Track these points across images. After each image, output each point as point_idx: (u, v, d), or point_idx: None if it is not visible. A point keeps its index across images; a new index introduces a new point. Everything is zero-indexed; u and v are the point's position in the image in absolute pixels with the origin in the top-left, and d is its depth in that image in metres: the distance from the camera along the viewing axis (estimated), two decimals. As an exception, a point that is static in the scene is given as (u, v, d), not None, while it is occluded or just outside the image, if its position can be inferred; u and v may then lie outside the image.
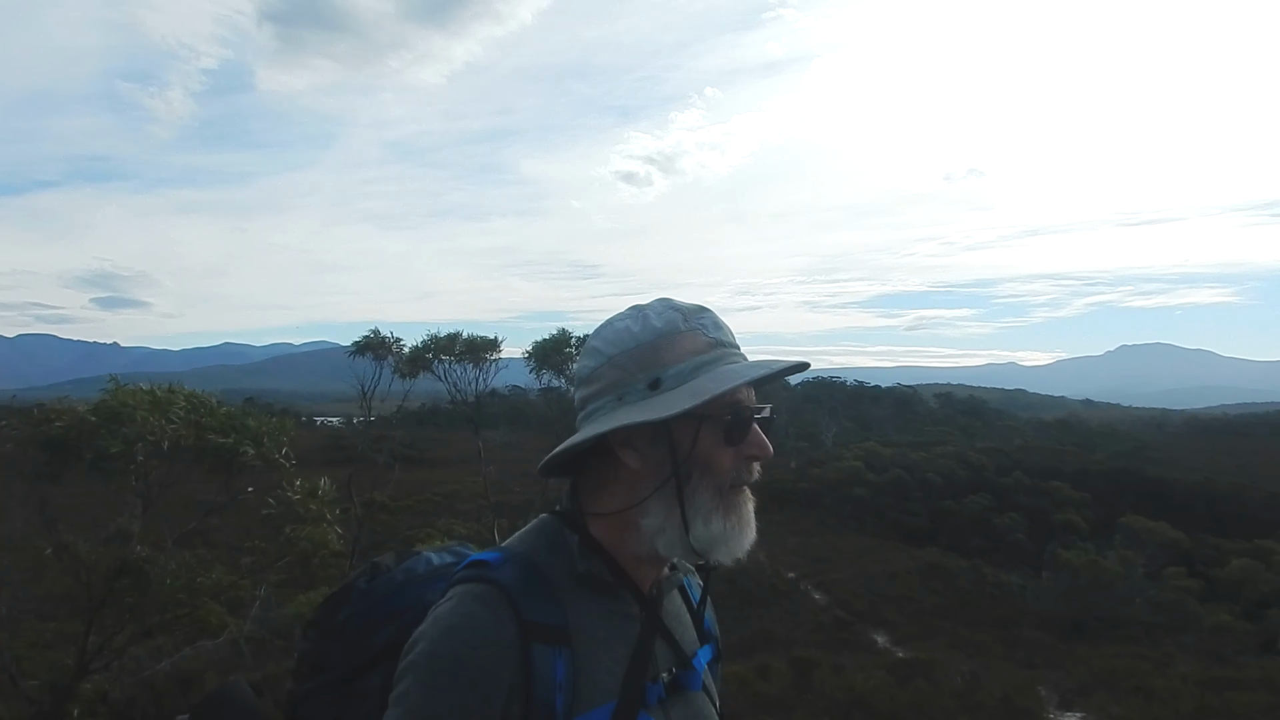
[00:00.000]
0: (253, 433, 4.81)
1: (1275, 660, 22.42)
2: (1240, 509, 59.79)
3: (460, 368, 8.15)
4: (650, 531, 1.43)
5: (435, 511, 34.23)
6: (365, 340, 8.33)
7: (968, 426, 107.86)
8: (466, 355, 7.67)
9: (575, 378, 1.53)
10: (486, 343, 7.64)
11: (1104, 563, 33.20)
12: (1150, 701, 11.81)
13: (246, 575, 7.14)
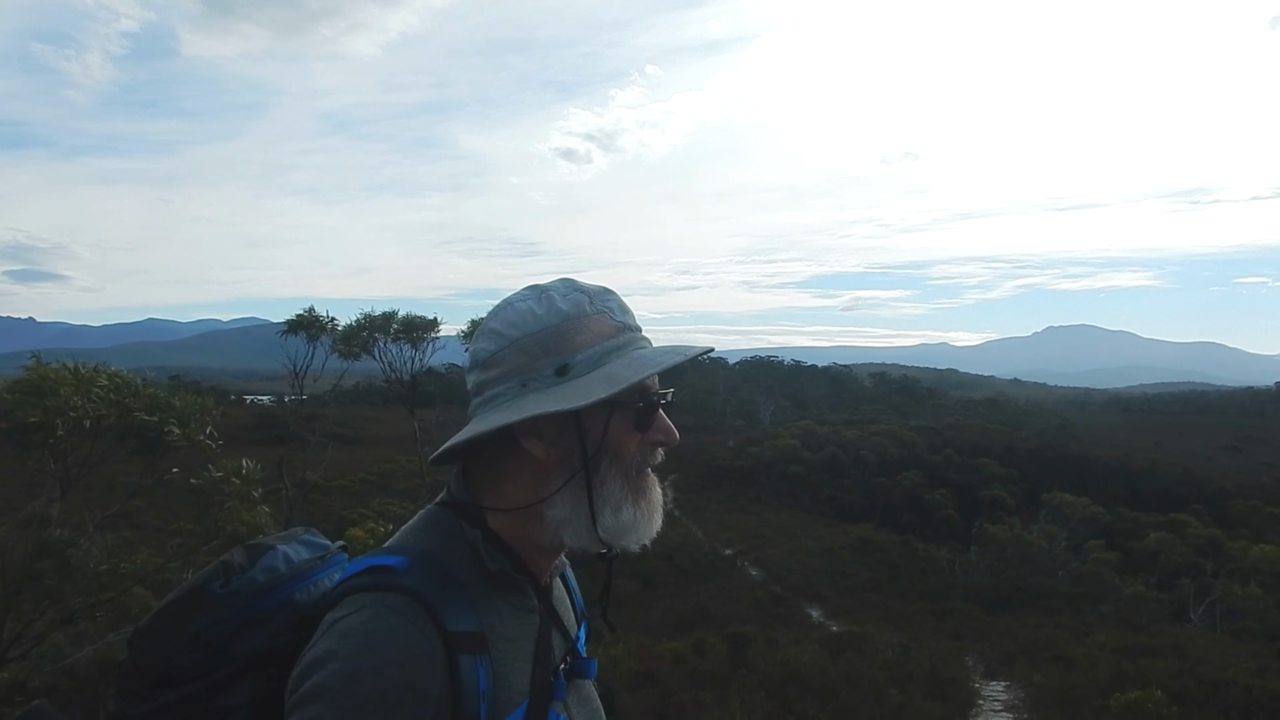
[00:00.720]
0: (178, 412, 4.70)
1: (1186, 628, 23.26)
2: (1157, 484, 61.78)
3: (397, 347, 8.03)
4: (556, 523, 1.36)
5: (370, 491, 33.91)
6: (298, 319, 8.16)
7: (901, 405, 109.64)
8: (403, 335, 7.55)
9: (472, 361, 1.40)
10: (424, 322, 7.53)
11: (1028, 537, 34.04)
12: (1070, 670, 12.15)
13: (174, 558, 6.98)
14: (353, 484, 37.23)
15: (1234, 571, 32.15)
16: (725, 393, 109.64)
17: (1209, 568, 33.14)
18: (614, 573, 1.49)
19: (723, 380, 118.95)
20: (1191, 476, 65.07)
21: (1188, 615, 27.33)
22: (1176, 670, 11.06)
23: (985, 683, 12.59)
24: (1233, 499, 55.95)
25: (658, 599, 25.54)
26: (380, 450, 48.30)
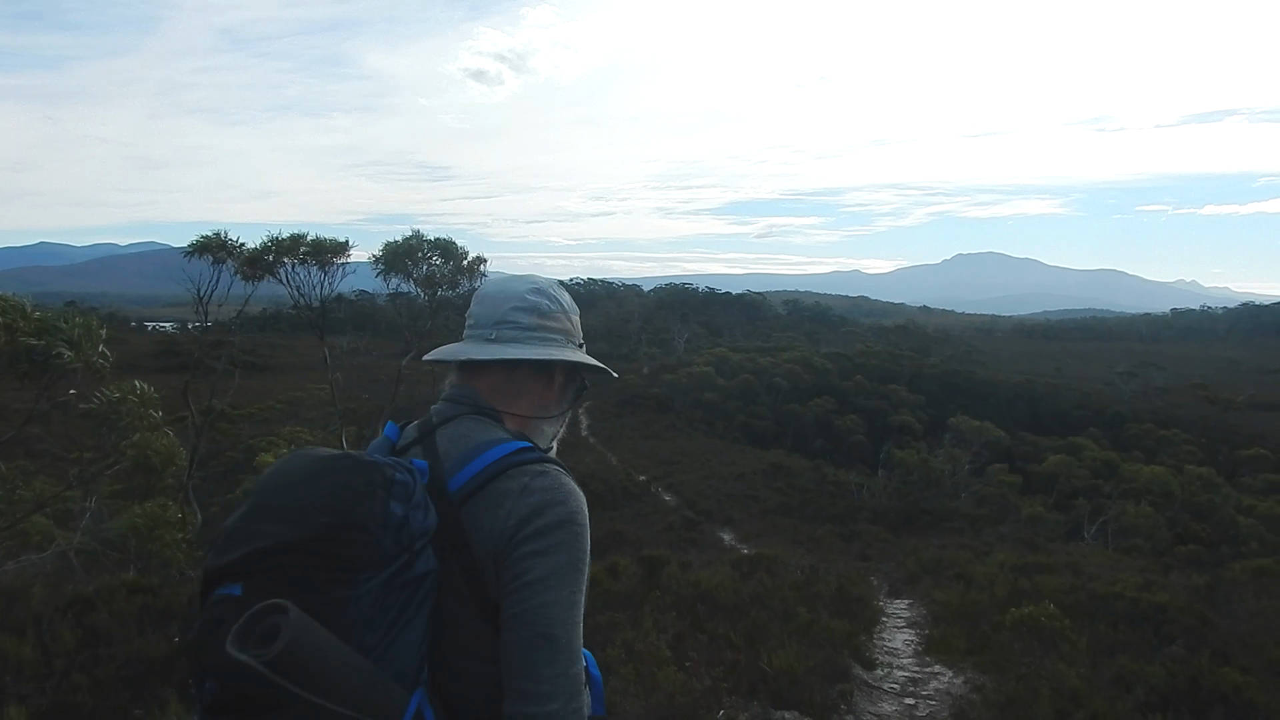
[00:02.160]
0: (66, 334, 4.51)
1: (1080, 546, 24.35)
2: (1057, 408, 64.10)
3: (305, 271, 7.79)
4: (546, 433, 1.90)
5: (279, 419, 33.32)
6: (203, 241, 7.85)
7: (813, 332, 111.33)
8: (312, 258, 7.32)
9: (533, 307, 1.85)
10: (334, 245, 7.29)
11: (934, 461, 35.14)
12: (969, 587, 12.62)
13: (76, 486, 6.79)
14: (262, 411, 36.55)
15: (1127, 492, 33.65)
16: (640, 320, 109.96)
17: (1104, 488, 34.62)
18: None
19: (637, 308, 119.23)
20: (1090, 401, 67.64)
21: (1082, 534, 28.59)
22: (1070, 586, 11.55)
23: (890, 601, 13.01)
24: (1128, 422, 58.39)
25: (574, 525, 25.70)
26: (290, 378, 47.42)
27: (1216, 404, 74.92)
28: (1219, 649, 8.38)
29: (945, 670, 8.40)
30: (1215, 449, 53.66)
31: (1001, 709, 6.16)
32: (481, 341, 1.82)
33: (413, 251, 7.34)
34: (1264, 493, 41.12)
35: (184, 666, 4.33)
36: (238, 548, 1.44)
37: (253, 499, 1.51)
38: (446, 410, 1.78)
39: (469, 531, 1.58)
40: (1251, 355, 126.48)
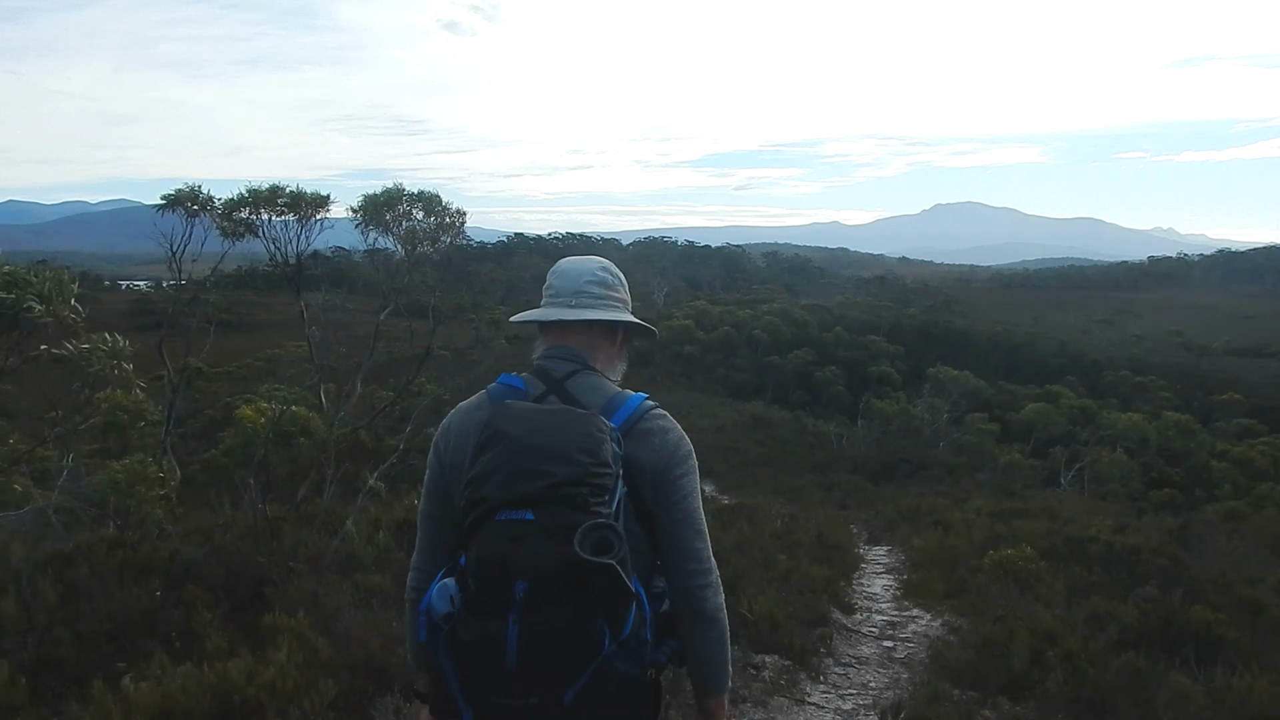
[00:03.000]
0: (36, 288, 4.46)
1: (1057, 492, 24.66)
2: (1034, 357, 64.59)
3: (283, 225, 7.68)
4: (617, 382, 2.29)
5: (257, 378, 33.13)
6: (176, 195, 7.72)
7: (793, 285, 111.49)
8: (291, 210, 7.21)
9: (596, 280, 2.30)
10: (314, 198, 7.18)
11: (913, 410, 35.40)
12: (948, 533, 12.79)
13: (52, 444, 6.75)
14: (240, 370, 36.35)
15: (1103, 439, 34.01)
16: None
17: (1081, 436, 34.99)
18: None
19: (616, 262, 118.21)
20: (1067, 350, 68.15)
21: (1059, 480, 28.94)
22: (1046, 530, 11.71)
23: (869, 548, 13.16)
24: (1104, 370, 58.91)
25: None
26: (266, 336, 47.12)
27: (1192, 350, 75.72)
28: (1191, 589, 8.52)
29: (923, 614, 8.52)
30: (1190, 395, 54.31)
31: (978, 649, 6.26)
32: (564, 307, 2.24)
33: (393, 204, 7.24)
34: (1237, 437, 41.69)
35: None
36: (527, 484, 1.84)
37: (507, 442, 1.90)
38: (562, 366, 2.20)
39: (631, 461, 2.03)
40: (1227, 302, 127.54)
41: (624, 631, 1.84)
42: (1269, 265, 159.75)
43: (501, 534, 1.82)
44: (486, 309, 68.85)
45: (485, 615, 1.82)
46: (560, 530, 1.79)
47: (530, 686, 1.83)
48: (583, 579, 1.78)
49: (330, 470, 7.39)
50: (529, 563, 1.78)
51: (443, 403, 34.19)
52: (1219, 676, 5.64)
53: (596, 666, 1.83)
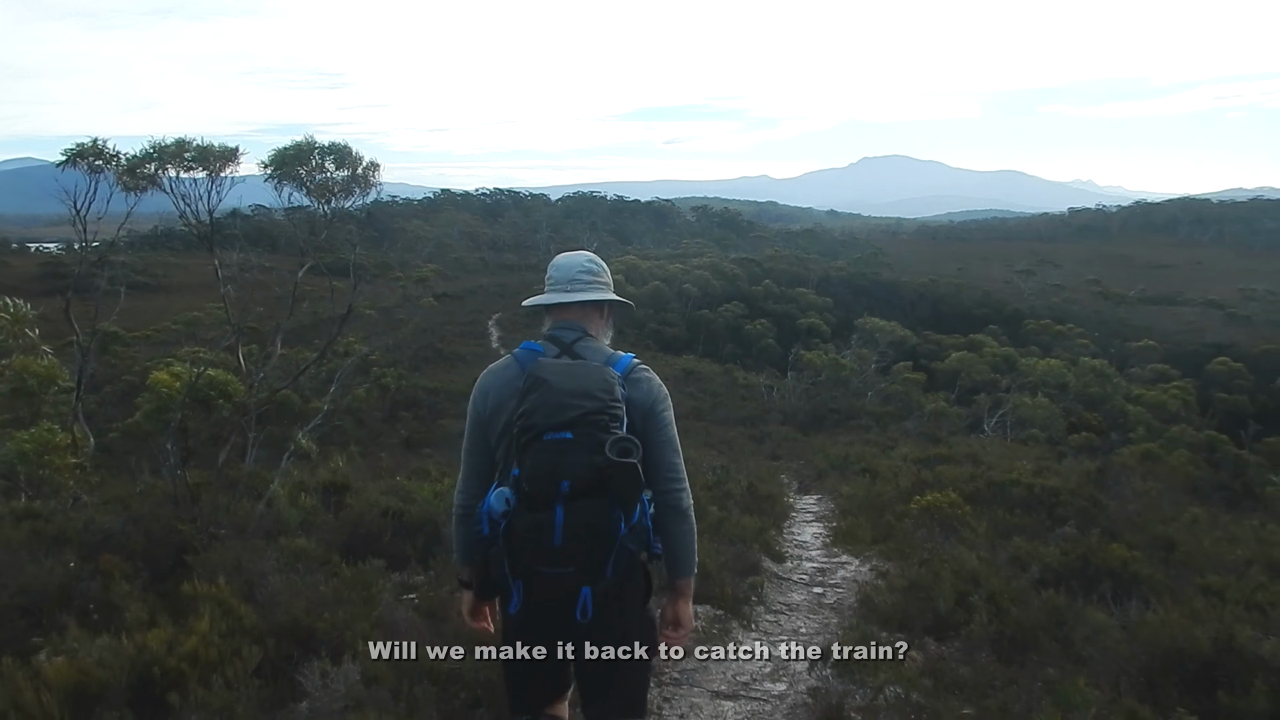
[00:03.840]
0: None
1: (980, 438, 25.22)
2: (959, 307, 65.70)
3: (192, 181, 7.40)
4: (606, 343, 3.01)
5: (176, 340, 32.34)
6: (77, 149, 7.39)
7: (722, 238, 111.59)
8: (198, 165, 6.93)
9: (589, 271, 2.99)
10: (222, 151, 6.91)
11: (842, 361, 35.83)
12: (875, 480, 13.02)
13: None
14: (158, 333, 35.39)
15: (1024, 385, 34.82)
16: (548, 230, 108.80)
17: (1003, 383, 35.78)
18: (444, 413, 3.88)
19: (545, 217, 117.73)
20: (990, 299, 69.39)
21: (983, 426, 29.59)
22: (970, 475, 11.96)
23: (799, 497, 13.34)
24: (1026, 319, 60.10)
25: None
26: (186, 297, 45.91)
27: (1109, 299, 77.79)
28: (1108, 528, 8.78)
29: (852, 559, 8.66)
30: (1107, 342, 55.80)
31: (904, 592, 6.37)
32: (562, 292, 2.96)
33: (304, 157, 7.01)
34: (1151, 382, 43.00)
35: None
36: (566, 413, 2.58)
37: (547, 385, 2.63)
38: (568, 334, 2.92)
39: (626, 400, 2.73)
40: (1143, 251, 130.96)
41: (634, 519, 2.62)
42: (1183, 216, 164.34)
43: (549, 450, 2.57)
44: (414, 267, 67.77)
45: (537, 509, 2.55)
46: (591, 445, 2.56)
47: (570, 559, 2.55)
48: (605, 482, 2.55)
49: (252, 434, 7.22)
50: (571, 468, 2.54)
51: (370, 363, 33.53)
52: (1134, 611, 5.82)
53: (619, 545, 2.58)
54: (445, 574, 5.85)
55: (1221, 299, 78.23)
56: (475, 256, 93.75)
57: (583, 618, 2.62)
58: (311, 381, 21.20)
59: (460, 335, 45.97)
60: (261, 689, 3.94)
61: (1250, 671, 4.63)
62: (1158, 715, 4.27)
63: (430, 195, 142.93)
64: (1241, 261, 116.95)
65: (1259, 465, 22.07)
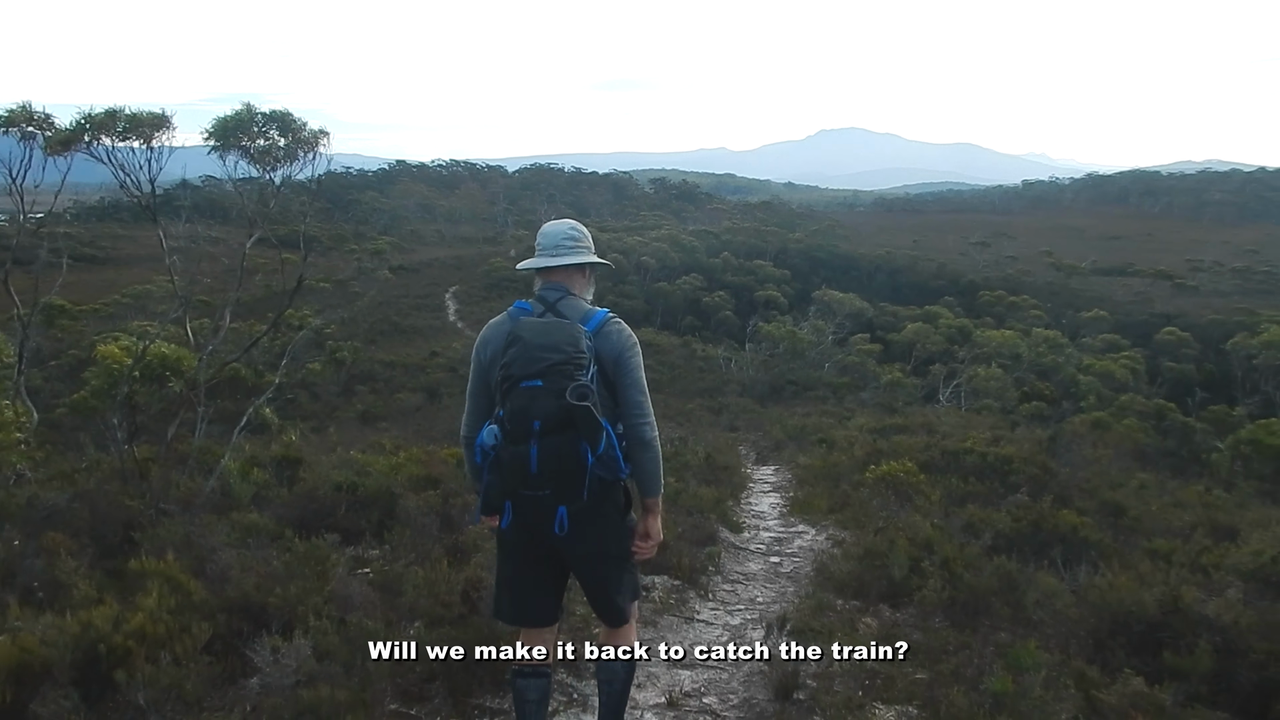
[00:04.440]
0: None
1: (935, 408, 25.50)
2: (914, 278, 66.19)
3: (130, 151, 7.19)
4: (589, 299, 3.48)
5: (125, 314, 31.72)
6: (9, 114, 7.15)
7: (680, 211, 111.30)
8: (133, 133, 6.74)
9: (572, 238, 3.45)
10: (154, 118, 6.71)
11: (799, 333, 35.98)
12: (832, 451, 13.12)
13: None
14: (105, 307, 34.67)
15: (979, 356, 35.20)
16: (505, 202, 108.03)
17: (958, 354, 36.15)
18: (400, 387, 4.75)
19: (503, 189, 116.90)
20: (945, 271, 69.93)
21: (938, 397, 29.91)
22: (925, 444, 12.08)
23: (757, 468, 13.40)
24: (980, 290, 60.68)
25: (443, 410, 25.54)
26: (135, 270, 45.00)
27: (1062, 270, 78.69)
28: (1059, 494, 8.91)
29: (808, 529, 8.71)
30: (1060, 313, 56.52)
31: (860, 560, 6.42)
32: (549, 256, 3.42)
33: (245, 125, 6.84)
34: (1102, 352, 43.67)
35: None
36: (536, 365, 3.07)
37: (523, 341, 3.12)
38: (553, 294, 3.37)
39: (599, 351, 3.23)
40: (1095, 223, 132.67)
41: (599, 450, 3.08)
42: (1134, 187, 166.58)
43: (524, 395, 3.07)
44: (369, 239, 66.98)
45: (516, 443, 3.06)
46: (558, 390, 3.04)
47: (545, 482, 3.08)
48: (571, 420, 3.03)
49: (201, 408, 7.10)
50: (541, 409, 3.04)
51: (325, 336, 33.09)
52: (1084, 575, 5.91)
53: (590, 473, 3.09)
54: (401, 548, 5.80)
55: (1170, 270, 79.41)
56: (431, 229, 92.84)
57: (560, 530, 3.16)
58: (264, 355, 20.91)
59: (417, 308, 45.59)
60: (211, 665, 3.89)
61: (1195, 632, 4.72)
62: (1106, 676, 4.34)
63: (385, 166, 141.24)
64: (1190, 233, 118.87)
65: (1204, 432, 22.52)
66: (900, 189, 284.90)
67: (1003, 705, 4.01)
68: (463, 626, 4.41)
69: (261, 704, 3.70)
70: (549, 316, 3.29)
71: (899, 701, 4.32)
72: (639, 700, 4.40)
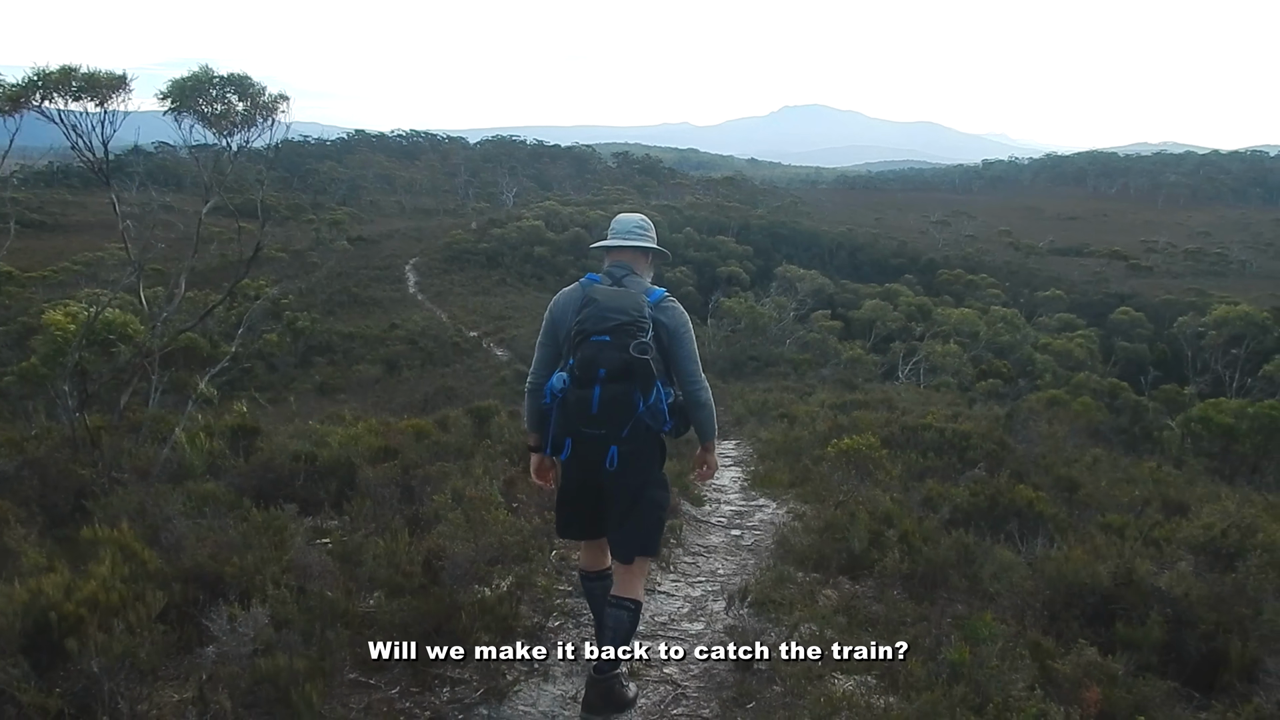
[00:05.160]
0: None
1: (895, 384, 25.71)
2: (875, 256, 66.66)
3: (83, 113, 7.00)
4: (648, 279, 4.00)
5: (76, 282, 31.12)
6: (-46, 77, 6.93)
7: (643, 185, 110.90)
8: (87, 94, 6.56)
9: (638, 225, 4.03)
10: (110, 79, 6.53)
11: (761, 309, 36.10)
12: (793, 426, 13.19)
13: None
14: (55, 274, 33.96)
15: (938, 333, 35.55)
16: (466, 174, 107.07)
17: (917, 331, 36.46)
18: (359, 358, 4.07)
19: (464, 160, 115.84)
20: (906, 249, 70.48)
21: (897, 373, 30.17)
22: (885, 420, 12.18)
23: (719, 442, 13.42)
24: (940, 269, 61.23)
25: (402, 383, 25.38)
26: (86, 237, 44.09)
27: (1020, 249, 79.55)
28: (1015, 470, 9.03)
29: (769, 502, 8.76)
30: (1017, 292, 57.21)
31: (820, 533, 6.46)
32: (620, 239, 3.98)
33: (202, 88, 6.68)
34: (1058, 331, 44.29)
35: None
36: (606, 323, 3.60)
37: (596, 303, 3.67)
38: (619, 271, 3.92)
39: (657, 320, 3.75)
40: (1053, 203, 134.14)
41: (650, 400, 3.66)
42: (1091, 168, 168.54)
43: (593, 347, 3.62)
44: (327, 209, 66.12)
45: (583, 387, 3.62)
46: (622, 345, 3.60)
47: (602, 423, 3.66)
48: (630, 371, 3.60)
49: (155, 376, 6.97)
50: (606, 359, 3.60)
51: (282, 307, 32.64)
52: (1039, 548, 5.99)
53: (636, 418, 3.67)
54: (360, 519, 5.75)
55: (1125, 250, 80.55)
56: (391, 200, 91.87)
57: (610, 466, 3.72)
58: (221, 325, 20.61)
59: (376, 279, 45.15)
60: (166, 634, 3.82)
61: (1146, 604, 4.81)
62: (1060, 647, 4.40)
63: (344, 136, 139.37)
64: (1145, 214, 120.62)
65: (1156, 410, 22.90)
66: (862, 166, 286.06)
67: (960, 675, 4.05)
68: (424, 596, 4.38)
69: (218, 672, 3.65)
70: (615, 288, 3.84)
71: (858, 671, 4.35)
72: (600, 670, 4.40)
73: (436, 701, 3.94)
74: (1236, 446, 16.01)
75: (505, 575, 4.92)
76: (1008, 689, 3.86)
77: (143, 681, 3.54)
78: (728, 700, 4.15)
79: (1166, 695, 4.15)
